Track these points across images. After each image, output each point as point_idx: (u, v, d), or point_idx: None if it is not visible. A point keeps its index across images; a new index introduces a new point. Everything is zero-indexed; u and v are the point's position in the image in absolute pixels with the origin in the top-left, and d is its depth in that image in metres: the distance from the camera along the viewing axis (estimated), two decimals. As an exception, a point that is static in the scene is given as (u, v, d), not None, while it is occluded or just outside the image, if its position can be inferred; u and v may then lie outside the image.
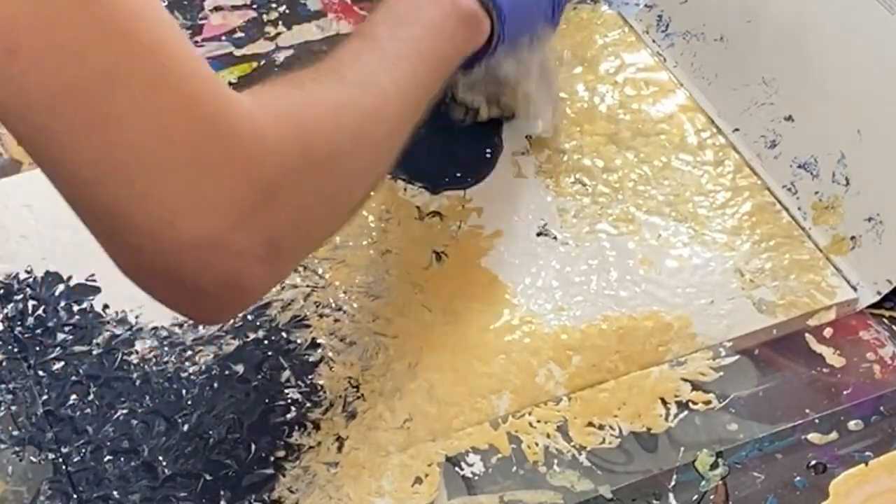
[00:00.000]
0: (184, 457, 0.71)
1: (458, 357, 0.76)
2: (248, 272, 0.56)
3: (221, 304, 0.59)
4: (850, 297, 0.79)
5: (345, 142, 0.61)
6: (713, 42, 0.92)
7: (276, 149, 0.56)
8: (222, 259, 0.55)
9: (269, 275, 0.59)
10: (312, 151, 0.58)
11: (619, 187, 0.85)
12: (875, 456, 0.71)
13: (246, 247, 0.55)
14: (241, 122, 0.55)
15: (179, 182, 0.53)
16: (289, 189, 0.57)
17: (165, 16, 0.55)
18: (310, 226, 0.61)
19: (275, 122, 0.57)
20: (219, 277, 0.56)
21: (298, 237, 0.60)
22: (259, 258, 0.56)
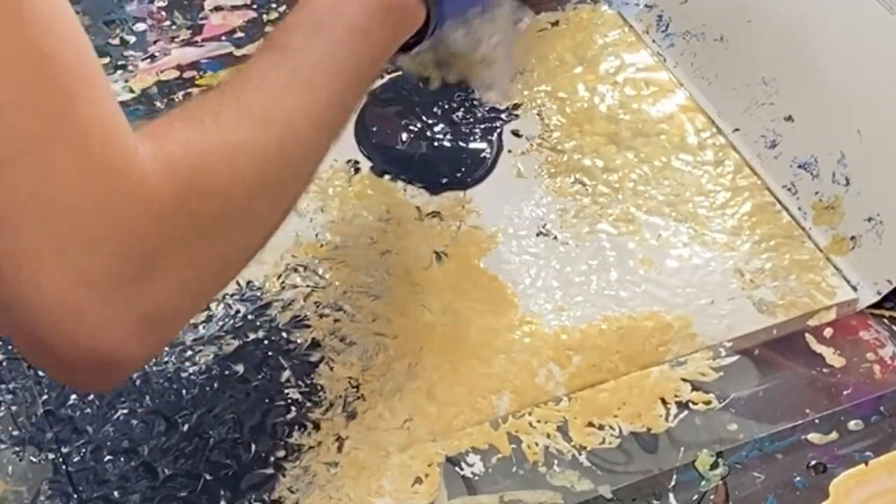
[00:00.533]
0: (184, 457, 0.71)
1: (458, 357, 0.76)
2: (117, 347, 0.52)
3: (91, 376, 0.54)
4: (850, 297, 0.79)
5: (241, 191, 0.56)
6: (713, 42, 0.92)
7: (164, 217, 0.52)
8: (86, 332, 0.50)
9: (142, 349, 0.53)
10: (202, 210, 0.54)
11: (620, 187, 0.85)
12: (875, 456, 0.71)
13: (114, 321, 0.51)
14: (131, 183, 0.50)
15: (51, 241, 0.49)
16: (170, 256, 0.52)
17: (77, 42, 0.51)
18: (192, 291, 0.55)
19: (164, 180, 0.52)
20: (84, 350, 0.51)
21: (179, 305, 0.54)
22: (131, 333, 0.52)
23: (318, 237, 0.82)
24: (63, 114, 0.49)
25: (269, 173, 0.57)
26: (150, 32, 0.98)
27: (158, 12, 1.00)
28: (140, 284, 0.51)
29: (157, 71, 0.95)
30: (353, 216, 0.83)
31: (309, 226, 0.83)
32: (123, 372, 0.54)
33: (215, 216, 0.54)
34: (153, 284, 0.52)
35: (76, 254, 0.49)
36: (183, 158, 0.53)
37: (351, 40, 0.63)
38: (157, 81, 0.94)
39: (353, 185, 0.85)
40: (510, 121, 0.90)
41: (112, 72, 0.94)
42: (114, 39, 0.98)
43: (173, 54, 0.96)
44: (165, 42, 0.97)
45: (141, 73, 0.94)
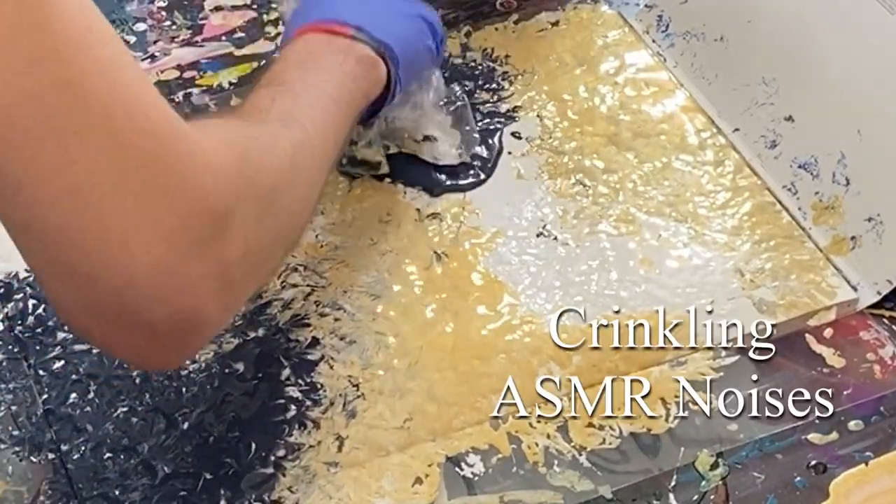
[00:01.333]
0: (183, 455, 0.71)
1: (459, 357, 0.75)
2: (202, 304, 0.55)
3: (171, 341, 0.56)
4: (850, 297, 0.79)
5: (284, 174, 0.61)
6: (713, 42, 0.92)
7: (226, 177, 0.55)
8: (176, 288, 0.53)
9: (222, 308, 0.57)
10: (257, 182, 0.58)
11: (620, 188, 0.85)
12: (875, 456, 0.71)
13: (200, 276, 0.54)
14: (192, 147, 0.54)
15: (134, 205, 0.52)
16: (239, 218, 0.56)
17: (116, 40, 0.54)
18: (259, 257, 0.59)
19: (221, 150, 0.56)
20: (172, 308, 0.53)
21: (249, 269, 0.58)
22: (213, 289, 0.55)
23: (319, 238, 0.82)
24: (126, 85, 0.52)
25: (300, 163, 0.63)
26: (150, 32, 0.98)
27: (158, 12, 1.00)
28: (216, 241, 0.54)
29: (157, 71, 0.95)
30: (353, 218, 0.83)
31: (309, 227, 0.83)
32: (203, 334, 0.58)
33: (268, 187, 0.59)
34: (227, 242, 0.55)
35: (158, 213, 0.52)
36: (230, 137, 0.58)
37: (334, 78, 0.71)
38: (157, 81, 0.94)
39: (354, 187, 0.85)
40: (510, 123, 0.90)
41: (112, 72, 0.94)
42: (114, 39, 0.97)
43: (173, 54, 0.96)
44: (165, 42, 0.97)
45: (141, 73, 0.94)
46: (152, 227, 0.52)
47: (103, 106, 0.51)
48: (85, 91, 0.51)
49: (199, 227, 0.53)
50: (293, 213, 0.63)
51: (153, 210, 0.52)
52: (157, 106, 0.54)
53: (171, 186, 0.53)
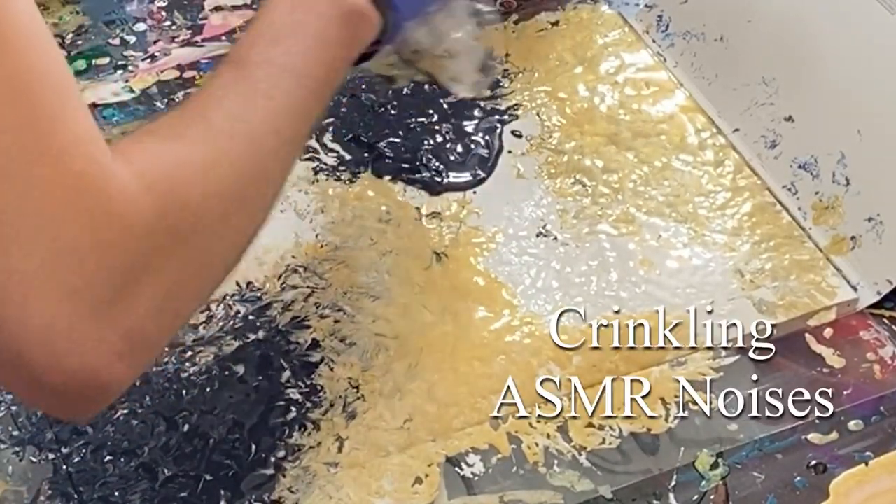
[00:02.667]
0: (184, 457, 0.71)
1: (459, 357, 0.76)
2: (104, 368, 0.51)
3: (77, 399, 0.53)
4: (850, 297, 0.79)
5: (214, 207, 0.56)
6: (713, 42, 0.92)
7: (144, 230, 0.52)
8: (75, 352, 0.50)
9: (128, 369, 0.53)
10: (182, 226, 0.54)
11: (620, 188, 0.85)
12: (875, 456, 0.71)
13: (102, 340, 0.51)
14: (110, 200, 0.50)
15: (38, 260, 0.49)
16: (152, 272, 0.52)
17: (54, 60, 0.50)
18: (175, 308, 0.55)
19: (141, 195, 0.52)
20: (71, 372, 0.50)
21: (162, 322, 0.54)
22: (117, 352, 0.51)
23: (319, 238, 0.82)
24: (43, 132, 0.49)
25: (240, 184, 0.58)
26: (150, 32, 0.98)
27: (158, 12, 1.00)
28: (125, 300, 0.51)
29: (157, 71, 0.95)
30: (353, 217, 0.83)
31: (309, 227, 0.83)
32: (107, 395, 0.54)
33: (193, 228, 0.54)
34: (137, 299, 0.51)
35: (63, 271, 0.49)
36: (158, 172, 0.53)
37: (309, 50, 0.64)
38: (157, 81, 0.94)
39: (353, 186, 0.85)
40: (510, 121, 0.90)
41: (112, 72, 0.95)
42: (114, 39, 0.98)
43: (173, 54, 0.96)
44: (165, 42, 0.97)
45: (141, 73, 0.94)
46: (54, 286, 0.49)
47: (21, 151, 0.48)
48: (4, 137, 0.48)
49: (104, 289, 0.50)
50: (229, 242, 0.58)
51: (57, 268, 0.49)
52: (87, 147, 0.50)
53: (80, 244, 0.49)
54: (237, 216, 0.58)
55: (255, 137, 0.59)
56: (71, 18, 0.99)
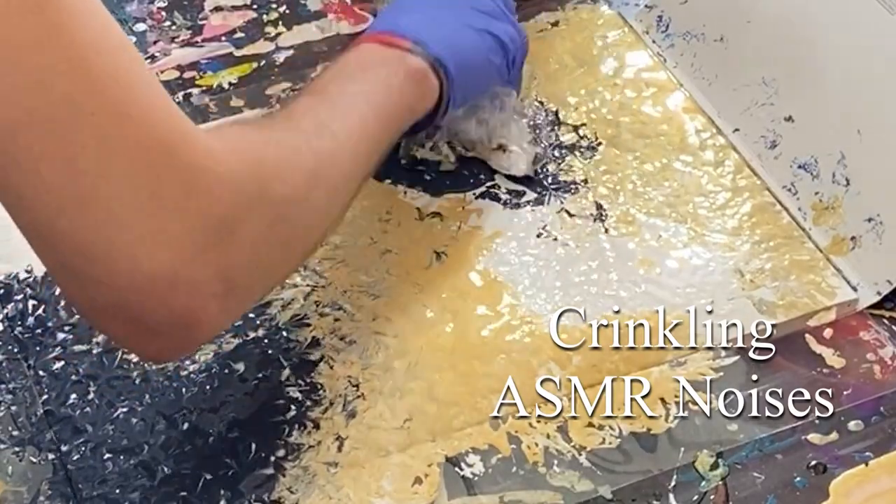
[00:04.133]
0: (183, 456, 0.71)
1: (458, 357, 0.75)
2: (203, 308, 0.57)
3: (173, 340, 0.58)
4: (850, 297, 0.79)
5: (300, 184, 0.62)
6: (713, 42, 0.92)
7: (235, 185, 0.57)
8: (178, 293, 0.55)
9: (222, 313, 0.59)
10: (269, 191, 0.59)
11: (620, 189, 0.85)
12: (875, 456, 0.71)
13: (201, 282, 0.56)
14: (202, 155, 0.56)
15: (139, 213, 0.54)
16: (245, 226, 0.57)
17: (128, 45, 0.55)
18: (264, 265, 0.61)
19: (234, 158, 0.57)
20: (173, 312, 0.56)
21: (253, 276, 0.60)
22: (214, 295, 0.57)
23: (318, 237, 0.82)
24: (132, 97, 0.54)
25: (322, 175, 0.64)
26: (150, 32, 0.98)
27: (158, 12, 1.00)
28: (221, 247, 0.56)
29: (157, 71, 0.95)
30: (353, 216, 0.83)
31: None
32: (203, 334, 0.60)
33: (280, 198, 0.60)
34: (232, 249, 0.57)
35: (163, 220, 0.54)
36: (245, 145, 0.59)
37: (378, 91, 0.72)
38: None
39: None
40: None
41: (112, 72, 0.94)
42: (114, 39, 0.97)
43: (173, 54, 0.96)
44: (165, 42, 0.97)
45: (141, 73, 0.94)
46: (157, 237, 0.54)
47: (112, 118, 0.53)
48: (95, 104, 0.52)
49: (203, 235, 0.55)
50: (309, 222, 0.64)
51: (158, 220, 0.54)
52: (168, 114, 0.55)
53: (178, 197, 0.54)
54: (318, 196, 0.64)
55: (336, 143, 0.66)
56: (71, 18, 0.99)
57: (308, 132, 0.65)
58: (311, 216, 0.64)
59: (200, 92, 0.93)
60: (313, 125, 0.66)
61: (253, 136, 0.62)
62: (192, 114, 0.90)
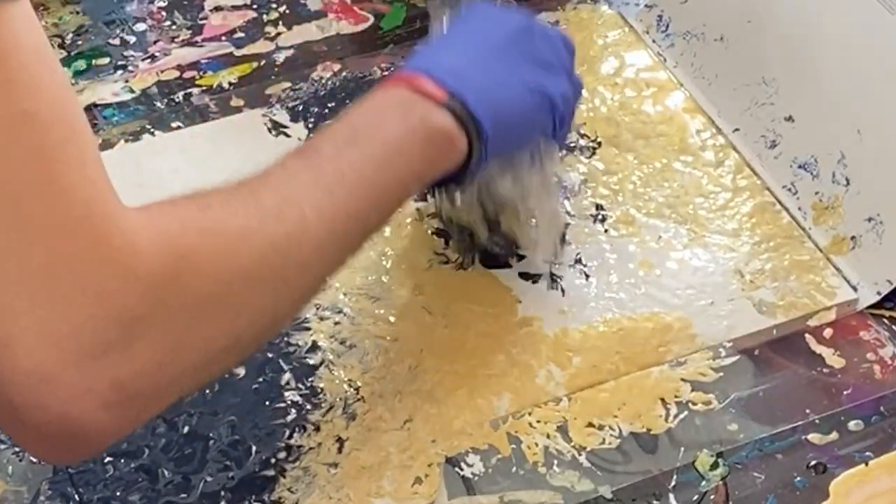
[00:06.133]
0: (184, 459, 0.71)
1: (459, 358, 0.76)
2: (87, 417, 0.50)
3: (58, 447, 0.52)
4: (850, 297, 0.79)
5: (238, 279, 0.54)
6: (713, 42, 0.92)
7: (149, 284, 0.50)
8: (57, 397, 0.49)
9: (112, 423, 0.52)
10: (192, 288, 0.52)
11: (620, 189, 0.85)
12: (875, 456, 0.71)
13: (86, 389, 0.49)
14: (114, 247, 0.49)
15: (25, 301, 0.48)
16: (152, 329, 0.51)
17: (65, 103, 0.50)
18: (175, 371, 0.53)
19: (154, 250, 0.51)
20: (53, 417, 0.50)
21: (158, 383, 0.53)
22: (102, 403, 0.50)
23: (319, 238, 0.82)
24: (43, 175, 0.48)
25: (272, 265, 0.56)
26: (150, 32, 0.98)
27: (158, 12, 1.00)
28: (116, 352, 0.50)
29: (157, 71, 0.95)
30: (353, 217, 0.83)
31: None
32: (91, 446, 0.53)
33: (206, 296, 0.53)
34: (130, 354, 0.50)
35: (51, 315, 0.48)
36: (178, 233, 0.52)
37: (384, 157, 0.63)
38: (157, 81, 0.94)
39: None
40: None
41: (112, 72, 0.95)
42: (114, 39, 0.98)
43: (173, 54, 0.96)
44: (165, 42, 0.97)
45: (141, 73, 0.95)
46: (40, 329, 0.48)
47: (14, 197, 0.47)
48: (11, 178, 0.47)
49: (95, 337, 0.49)
50: (250, 318, 0.56)
51: (45, 311, 0.48)
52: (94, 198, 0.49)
53: (72, 289, 0.48)
54: (262, 296, 0.56)
55: (303, 226, 0.58)
56: (71, 18, 0.99)
57: (267, 211, 0.56)
58: (247, 315, 0.56)
59: (200, 92, 0.93)
60: (278, 202, 0.57)
61: (193, 219, 0.54)
62: (192, 114, 0.90)
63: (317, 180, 0.60)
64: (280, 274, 0.57)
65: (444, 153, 0.66)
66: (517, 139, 0.72)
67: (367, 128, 0.64)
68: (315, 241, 0.59)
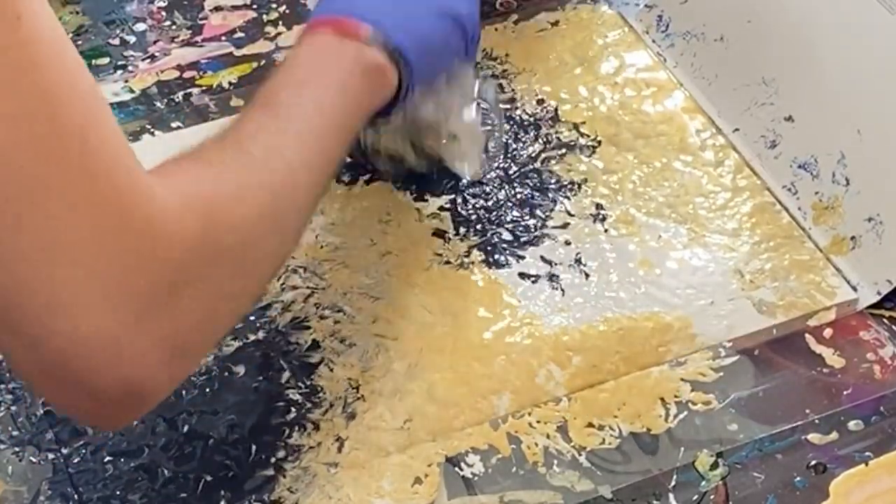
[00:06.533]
0: (184, 458, 0.71)
1: (458, 358, 0.76)
2: (148, 375, 0.54)
3: (118, 407, 0.55)
4: (850, 297, 0.79)
5: (252, 227, 0.59)
6: (713, 42, 0.92)
7: (186, 246, 0.54)
8: (120, 359, 0.52)
9: (169, 378, 0.56)
10: (222, 244, 0.56)
11: (620, 189, 0.85)
12: (875, 456, 0.71)
13: (146, 348, 0.53)
14: (152, 214, 0.52)
15: (83, 274, 0.51)
16: (198, 285, 0.55)
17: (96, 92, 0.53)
18: (215, 320, 0.58)
19: (187, 215, 0.54)
20: (116, 379, 0.52)
21: (203, 334, 0.57)
22: (160, 361, 0.54)
23: (319, 239, 0.82)
24: (82, 150, 0.51)
25: (275, 211, 0.60)
26: (150, 32, 0.98)
27: (158, 12, 1.00)
28: (168, 311, 0.53)
29: (157, 71, 0.95)
30: (353, 218, 0.83)
31: (309, 228, 0.82)
32: (147, 402, 0.56)
33: (232, 248, 0.57)
34: (180, 312, 0.54)
35: (107, 283, 0.51)
36: (197, 194, 0.56)
37: (333, 95, 0.67)
38: (157, 81, 0.94)
39: (353, 187, 0.85)
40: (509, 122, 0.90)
41: (112, 72, 0.95)
42: (114, 39, 0.98)
43: (173, 54, 0.96)
44: (165, 42, 0.97)
45: (141, 73, 0.95)
46: (99, 298, 0.51)
47: (69, 171, 0.50)
48: (45, 154, 0.50)
49: (149, 299, 0.52)
50: (262, 266, 0.62)
51: (102, 281, 0.51)
52: (127, 169, 0.52)
53: (124, 257, 0.51)
54: (272, 238, 0.61)
55: (289, 169, 0.62)
56: (71, 18, 0.99)
57: (259, 161, 0.61)
58: (262, 258, 0.61)
59: (200, 92, 0.93)
60: (264, 151, 0.61)
61: (202, 178, 0.57)
62: (192, 114, 0.90)
63: (286, 128, 0.64)
64: (282, 218, 0.61)
65: (380, 87, 0.71)
66: (437, 64, 0.77)
67: (310, 75, 0.68)
68: (302, 184, 0.63)
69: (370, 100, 0.71)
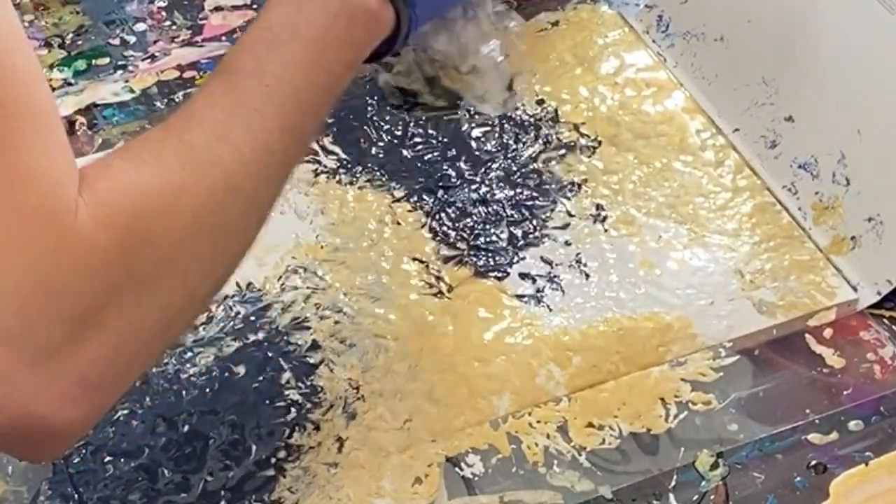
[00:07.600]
0: (184, 458, 0.71)
1: (459, 358, 0.76)
2: (52, 414, 0.48)
3: (27, 446, 0.51)
4: (850, 297, 0.79)
5: (182, 238, 0.52)
6: (713, 42, 0.92)
7: (99, 267, 0.48)
8: (14, 398, 0.47)
9: (82, 414, 0.50)
10: (142, 260, 0.50)
11: (620, 189, 0.85)
12: (875, 456, 0.71)
13: (45, 386, 0.48)
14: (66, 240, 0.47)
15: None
16: (110, 314, 0.49)
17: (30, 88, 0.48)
18: (135, 349, 0.51)
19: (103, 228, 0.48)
20: (13, 419, 0.48)
21: (120, 365, 0.51)
22: (66, 398, 0.48)
23: (318, 239, 0.82)
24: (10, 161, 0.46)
25: (215, 213, 0.54)
26: (150, 32, 0.98)
27: (158, 12, 1.00)
28: (74, 345, 0.48)
29: (157, 71, 0.95)
30: (353, 218, 0.83)
31: (309, 228, 0.83)
32: (63, 440, 0.51)
33: (155, 264, 0.51)
34: (89, 344, 0.48)
35: (2, 315, 0.46)
36: (120, 202, 0.50)
37: (310, 56, 0.59)
38: (157, 81, 0.94)
39: (353, 187, 0.85)
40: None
41: (112, 72, 0.95)
42: (114, 39, 0.98)
43: (173, 54, 0.96)
44: (165, 42, 0.97)
45: (141, 73, 0.95)
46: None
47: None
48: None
49: (49, 335, 0.47)
50: (200, 271, 0.54)
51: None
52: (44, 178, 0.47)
53: (23, 285, 0.46)
54: (211, 247, 0.54)
55: (239, 162, 0.55)
56: (71, 18, 0.99)
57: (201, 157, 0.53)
58: (194, 273, 0.53)
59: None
60: (209, 143, 0.54)
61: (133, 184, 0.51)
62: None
63: (243, 103, 0.56)
64: (225, 218, 0.54)
65: (371, 31, 0.63)
66: None
67: (286, 26, 0.59)
68: (255, 171, 0.56)
69: (358, 51, 0.62)
